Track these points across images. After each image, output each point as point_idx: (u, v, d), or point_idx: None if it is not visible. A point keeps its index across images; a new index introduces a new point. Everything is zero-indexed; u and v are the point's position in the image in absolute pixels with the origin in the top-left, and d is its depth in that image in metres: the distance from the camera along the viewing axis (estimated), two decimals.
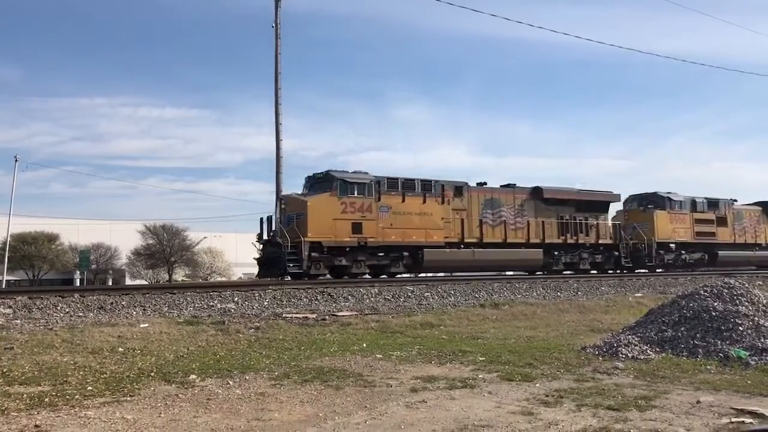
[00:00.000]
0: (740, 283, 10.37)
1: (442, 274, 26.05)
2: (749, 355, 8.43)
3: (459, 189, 23.07)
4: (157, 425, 5.56)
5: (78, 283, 42.67)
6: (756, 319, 9.22)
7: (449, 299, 17.10)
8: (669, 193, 29.48)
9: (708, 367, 8.21)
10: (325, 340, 11.00)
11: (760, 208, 33.72)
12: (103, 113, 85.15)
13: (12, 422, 5.60)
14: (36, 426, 5.47)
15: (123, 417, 5.80)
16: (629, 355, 8.95)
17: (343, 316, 13.83)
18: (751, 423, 5.51)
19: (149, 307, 13.55)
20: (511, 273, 27.70)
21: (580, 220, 26.02)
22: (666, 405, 6.19)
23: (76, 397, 6.57)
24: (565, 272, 25.30)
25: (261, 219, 21.10)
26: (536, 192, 25.11)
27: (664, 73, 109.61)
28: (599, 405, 6.15)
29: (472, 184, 23.85)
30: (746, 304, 9.58)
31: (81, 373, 7.86)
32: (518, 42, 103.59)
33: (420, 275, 22.78)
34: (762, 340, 8.73)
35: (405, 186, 21.60)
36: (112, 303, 13.51)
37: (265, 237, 20.63)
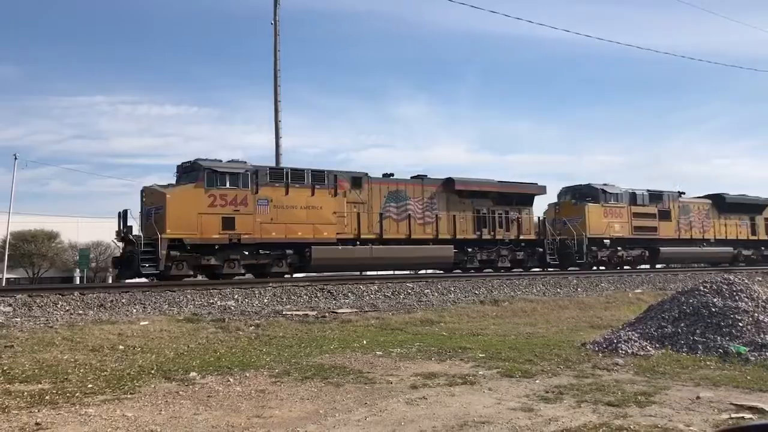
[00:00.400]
0: (740, 279, 10.37)
1: (442, 271, 25.77)
2: (749, 350, 8.44)
3: (357, 180, 20.98)
4: (158, 422, 5.57)
5: (78, 281, 42.68)
6: (755, 314, 9.23)
7: (449, 296, 17.12)
8: (605, 184, 27.16)
9: (708, 362, 8.22)
10: (325, 337, 11.01)
11: (710, 202, 30.95)
12: (103, 111, 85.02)
13: (13, 420, 5.60)
14: (37, 424, 5.47)
15: (123, 414, 5.80)
16: (629, 351, 8.96)
17: (343, 313, 13.85)
18: (751, 418, 5.52)
19: (149, 304, 13.56)
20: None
21: (499, 214, 23.96)
22: (666, 401, 6.20)
23: (77, 394, 6.58)
24: (486, 270, 23.56)
25: (119, 213, 18.78)
26: (448, 184, 23.03)
27: (664, 69, 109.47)
28: (599, 401, 6.16)
29: (376, 174, 21.99)
30: (746, 300, 9.58)
31: (81, 370, 7.87)
32: (518, 38, 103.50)
33: (311, 274, 20.75)
34: (761, 335, 8.74)
35: (290, 177, 19.47)
36: (112, 301, 13.52)
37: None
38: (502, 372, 7.72)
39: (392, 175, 22.45)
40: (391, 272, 23.59)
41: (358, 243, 20.51)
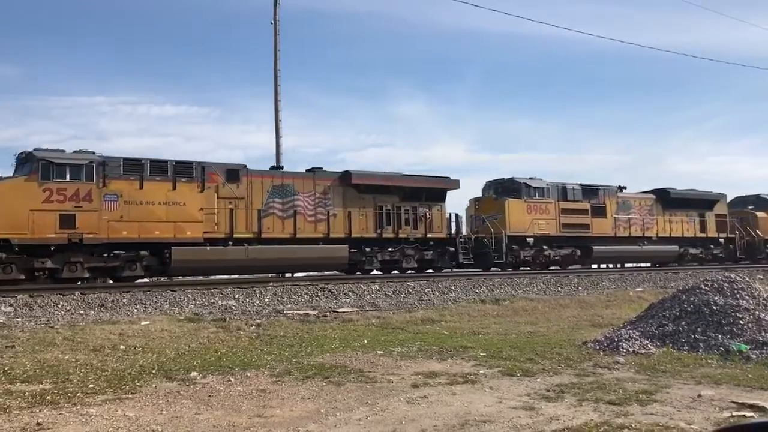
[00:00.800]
0: (741, 277, 10.37)
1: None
2: (750, 348, 8.43)
3: (233, 173, 18.87)
4: (159, 422, 5.57)
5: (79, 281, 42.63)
6: (757, 313, 9.21)
7: (450, 295, 17.13)
8: (531, 178, 25.04)
9: (709, 361, 8.22)
10: (326, 336, 11.02)
11: (653, 197, 28.62)
12: (103, 111, 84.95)
13: (14, 420, 5.61)
14: (38, 424, 5.48)
15: (124, 414, 5.81)
16: (630, 349, 8.96)
17: (344, 312, 13.85)
18: (752, 417, 5.51)
19: (150, 304, 13.58)
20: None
21: (406, 210, 21.79)
22: (667, 399, 6.20)
23: (78, 394, 6.58)
24: (393, 272, 21.48)
25: None
26: (345, 178, 20.88)
27: (665, 67, 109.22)
28: (600, 399, 6.15)
29: (262, 167, 20.23)
30: (747, 298, 9.57)
31: (82, 370, 7.88)
32: (518, 37, 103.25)
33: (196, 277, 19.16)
34: (763, 333, 8.73)
35: (148, 169, 17.31)
36: (113, 301, 13.55)
37: None
38: (503, 371, 7.72)
39: (281, 167, 20.73)
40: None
41: (230, 243, 18.31)
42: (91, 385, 7.02)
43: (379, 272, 21.34)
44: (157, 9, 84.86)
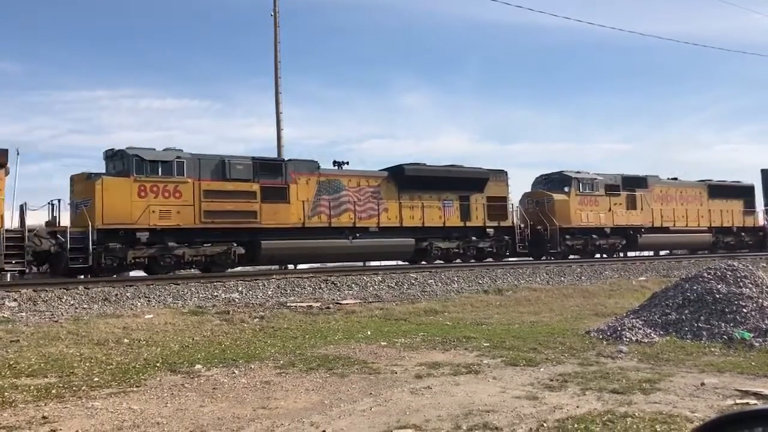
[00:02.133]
0: (744, 265, 10.36)
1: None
2: (753, 336, 8.43)
3: None
4: (164, 415, 5.60)
5: (82, 275, 42.73)
6: (760, 300, 9.20)
7: (453, 286, 17.14)
8: (167, 149, 18.20)
9: (712, 349, 8.23)
10: (329, 328, 11.04)
11: (384, 175, 21.84)
12: (105, 105, 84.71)
13: (20, 414, 5.64)
14: (43, 417, 5.50)
15: (129, 407, 5.83)
16: (633, 338, 8.96)
17: (347, 304, 13.88)
18: (755, 404, 5.52)
19: (153, 298, 13.61)
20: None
21: None
22: (670, 388, 6.20)
23: (83, 388, 6.61)
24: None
25: None
26: None
27: (667, 55, 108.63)
28: (603, 389, 6.16)
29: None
30: (750, 286, 9.56)
31: (87, 364, 7.91)
32: (520, 26, 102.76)
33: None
34: (766, 321, 8.72)
35: None
36: (116, 294, 13.57)
37: None
38: (506, 361, 7.73)
39: None
40: (395, 262, 21.47)
41: None
42: (96, 379, 7.05)
43: None
44: (158, 2, 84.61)
